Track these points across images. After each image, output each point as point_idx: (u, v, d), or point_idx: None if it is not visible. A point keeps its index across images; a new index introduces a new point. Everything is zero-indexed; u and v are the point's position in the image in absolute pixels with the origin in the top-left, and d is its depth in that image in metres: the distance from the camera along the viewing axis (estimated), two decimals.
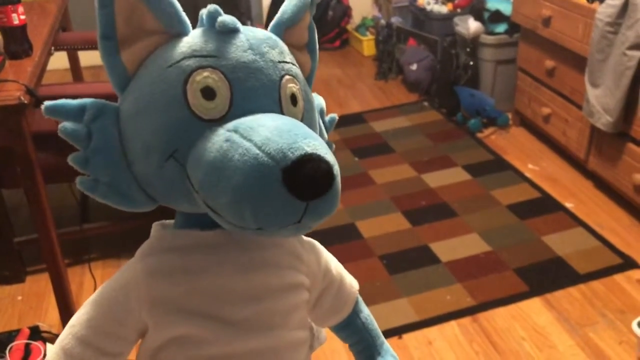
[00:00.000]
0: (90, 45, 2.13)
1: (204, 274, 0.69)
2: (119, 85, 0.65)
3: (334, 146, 0.78)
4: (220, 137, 0.59)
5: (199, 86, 0.61)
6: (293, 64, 0.69)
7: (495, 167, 2.48)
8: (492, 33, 2.79)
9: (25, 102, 1.39)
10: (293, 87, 0.67)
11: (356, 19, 3.95)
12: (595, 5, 2.06)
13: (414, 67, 3.07)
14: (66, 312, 1.64)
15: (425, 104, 3.06)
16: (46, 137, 1.64)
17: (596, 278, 1.83)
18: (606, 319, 1.68)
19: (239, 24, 0.65)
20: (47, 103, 0.63)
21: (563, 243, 1.99)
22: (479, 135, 2.74)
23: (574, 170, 2.42)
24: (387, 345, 0.89)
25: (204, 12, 0.65)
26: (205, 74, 0.61)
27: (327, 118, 0.81)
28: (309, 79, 0.76)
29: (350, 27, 3.93)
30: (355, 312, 0.88)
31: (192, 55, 0.62)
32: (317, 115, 0.75)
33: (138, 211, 0.69)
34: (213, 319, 0.69)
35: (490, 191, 2.30)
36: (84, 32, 2.25)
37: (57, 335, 1.65)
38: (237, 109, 0.62)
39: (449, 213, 2.18)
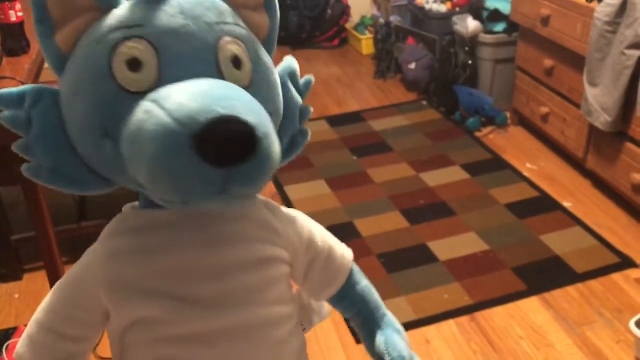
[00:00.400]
0: None
1: (162, 254, 0.67)
2: (56, 67, 0.64)
3: (311, 110, 0.76)
4: (140, 109, 0.57)
5: (123, 58, 0.58)
6: (237, 24, 0.65)
7: (494, 166, 2.48)
8: (490, 32, 2.79)
9: None
10: (235, 48, 0.62)
11: (355, 17, 3.95)
12: (594, 4, 2.06)
13: (413, 65, 3.07)
14: None
15: (424, 102, 3.05)
16: None
17: (594, 277, 1.83)
18: (604, 317, 1.69)
19: None
20: None
21: (561, 242, 1.99)
22: (477, 134, 2.74)
23: (572, 170, 2.42)
24: (390, 317, 0.85)
25: None
26: (130, 44, 0.59)
27: (301, 80, 0.76)
28: (269, 39, 0.71)
29: (348, 25, 3.93)
30: (350, 283, 0.83)
31: (118, 27, 0.60)
32: (284, 79, 0.72)
33: (93, 193, 0.68)
34: (175, 299, 0.67)
35: (488, 190, 2.30)
36: None
37: None
38: (166, 78, 0.59)
39: (447, 212, 2.18)
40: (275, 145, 0.58)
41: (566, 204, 2.20)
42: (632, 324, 1.52)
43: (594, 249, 1.95)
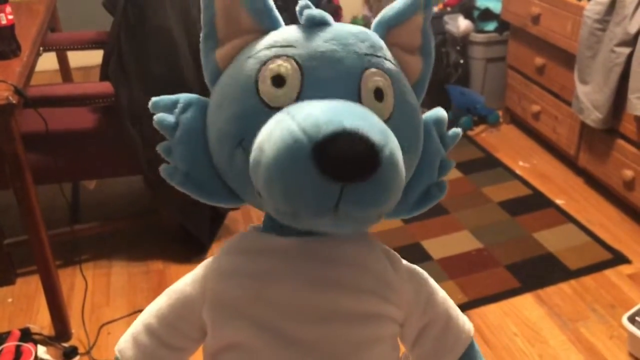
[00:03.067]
0: (80, 46, 2.12)
1: (272, 282, 0.64)
2: (211, 80, 0.66)
3: (453, 164, 0.72)
4: (273, 119, 0.57)
5: (270, 74, 0.60)
6: (388, 60, 0.64)
7: (486, 164, 2.49)
8: (481, 31, 2.80)
9: (14, 102, 1.38)
10: (379, 80, 0.61)
11: (346, 18, 3.95)
12: (584, 2, 2.07)
13: None
14: (57, 314, 1.63)
15: None
16: (35, 138, 1.64)
17: (587, 273, 1.84)
18: (597, 313, 1.69)
19: (328, 17, 0.63)
20: (153, 99, 0.65)
21: (554, 239, 2.00)
22: (470, 133, 2.75)
23: (564, 167, 2.43)
24: None
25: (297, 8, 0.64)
26: (279, 62, 0.60)
27: (449, 133, 0.72)
28: (419, 84, 0.71)
29: None
30: (466, 358, 0.75)
31: (272, 45, 0.62)
32: (429, 127, 0.69)
33: (221, 205, 0.69)
34: (273, 332, 0.64)
35: (481, 188, 2.31)
36: (73, 32, 2.24)
37: (47, 337, 1.64)
38: (306, 97, 0.59)
39: (440, 210, 2.18)
40: (399, 174, 0.56)
41: (559, 201, 2.21)
42: (625, 320, 1.53)
43: (586, 246, 1.97)
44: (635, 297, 1.73)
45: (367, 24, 3.33)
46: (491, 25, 2.79)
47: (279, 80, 0.59)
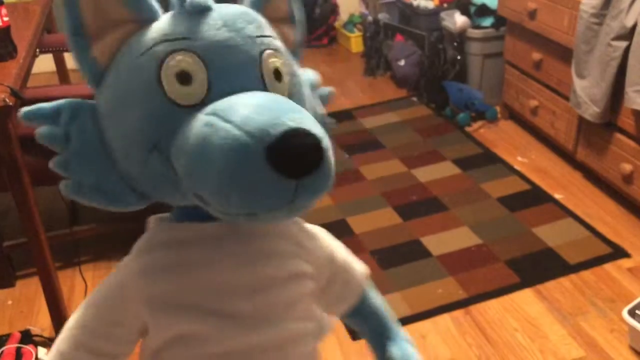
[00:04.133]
0: None
1: (204, 268, 0.66)
2: (93, 81, 0.63)
3: (333, 121, 0.75)
4: (200, 122, 0.56)
5: (173, 71, 0.58)
6: (274, 38, 0.65)
7: (485, 160, 2.49)
8: (478, 27, 2.80)
9: (11, 104, 1.38)
10: (276, 61, 0.63)
11: (343, 16, 3.95)
12: None
13: (402, 62, 3.08)
14: (57, 315, 1.63)
15: (414, 99, 3.06)
16: (33, 140, 1.63)
17: (586, 268, 1.84)
18: (597, 308, 1.70)
19: (210, 2, 0.62)
20: (23, 110, 0.61)
21: (553, 234, 2.00)
22: (468, 129, 2.75)
23: (562, 162, 2.43)
24: (400, 331, 0.85)
25: None
26: (179, 57, 0.58)
27: (320, 91, 0.77)
28: (295, 52, 0.72)
29: (337, 24, 3.93)
30: (364, 298, 0.84)
31: (163, 39, 0.59)
32: (308, 90, 0.72)
33: (129, 210, 0.66)
34: (215, 315, 0.66)
35: (480, 184, 2.31)
36: None
37: (48, 339, 1.64)
38: (216, 91, 0.59)
39: (439, 207, 2.18)
40: (332, 155, 0.58)
41: (557, 196, 2.21)
42: (625, 313, 1.53)
43: (586, 240, 1.97)
44: (635, 291, 1.73)
45: (364, 22, 3.32)
46: (488, 21, 2.79)
47: (184, 77, 0.58)
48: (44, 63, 2.52)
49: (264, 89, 0.61)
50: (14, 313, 1.78)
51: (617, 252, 1.90)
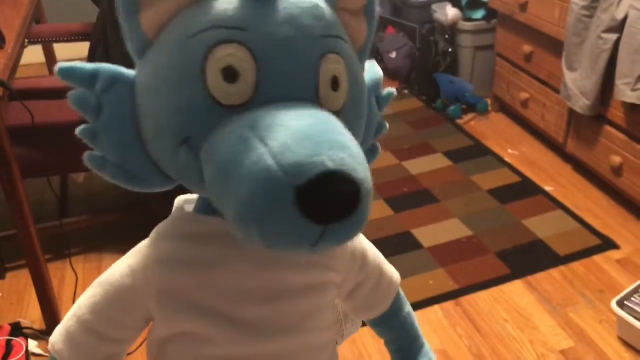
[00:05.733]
0: (65, 38, 2.10)
1: (219, 268, 0.62)
2: (137, 51, 0.57)
3: (387, 126, 0.70)
4: (236, 134, 0.51)
5: (220, 65, 0.52)
6: (341, 38, 0.58)
7: (476, 152, 2.49)
8: (470, 19, 2.80)
9: None
10: (337, 68, 0.56)
11: None
12: None
13: (394, 55, 3.07)
14: (47, 308, 1.62)
15: (405, 91, 3.06)
16: (22, 131, 1.62)
17: (576, 259, 1.86)
18: (586, 299, 1.71)
19: None
20: (60, 64, 0.55)
21: (543, 226, 2.01)
22: (459, 121, 2.76)
23: (553, 154, 2.44)
24: (427, 348, 0.81)
25: None
26: (229, 50, 0.52)
27: (383, 92, 0.69)
28: (363, 50, 0.64)
29: None
30: (394, 308, 0.79)
31: (217, 25, 0.53)
32: (370, 94, 0.65)
33: (152, 192, 0.62)
34: (224, 317, 0.63)
35: (470, 177, 2.32)
36: (59, 24, 2.22)
37: (38, 332, 1.64)
38: (263, 95, 0.53)
39: (430, 199, 2.19)
40: (371, 198, 0.53)
41: (548, 188, 2.23)
42: (614, 304, 1.55)
43: (575, 232, 1.98)
44: (624, 282, 1.75)
45: None
46: (479, 14, 2.79)
47: (231, 74, 0.52)
48: (34, 54, 2.49)
49: (316, 97, 0.55)
50: (4, 305, 1.77)
51: (607, 244, 1.92)
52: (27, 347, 1.53)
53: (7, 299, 1.80)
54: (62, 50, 2.51)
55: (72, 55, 3.28)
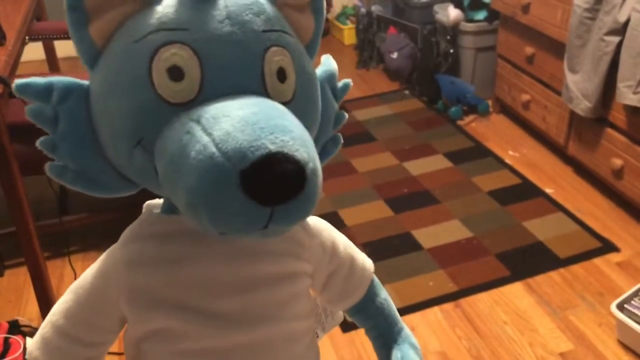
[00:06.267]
0: (66, 35, 2.09)
1: (186, 264, 0.64)
2: (89, 62, 0.59)
3: (346, 117, 0.72)
4: (183, 128, 0.53)
5: (165, 65, 0.54)
6: (284, 32, 0.60)
7: (476, 154, 2.49)
8: (471, 20, 2.80)
9: None
10: (282, 59, 0.58)
11: (336, 7, 3.93)
12: None
13: (395, 55, 3.07)
14: (46, 305, 1.61)
15: (407, 92, 3.06)
16: (22, 128, 1.61)
17: (576, 262, 1.85)
18: (586, 301, 1.71)
19: None
20: (16, 81, 0.57)
21: (543, 228, 2.01)
22: (460, 122, 2.75)
23: (553, 156, 2.44)
24: (407, 332, 0.82)
25: None
26: (173, 50, 0.54)
27: (339, 84, 0.71)
28: (311, 44, 0.66)
29: (330, 16, 3.91)
30: (369, 295, 0.80)
31: (160, 28, 0.55)
32: (324, 85, 0.68)
33: (116, 196, 0.64)
34: (196, 312, 0.64)
35: (471, 178, 2.31)
36: (59, 21, 2.21)
37: (36, 329, 1.63)
38: (209, 90, 0.55)
39: (430, 200, 2.19)
40: (320, 179, 0.54)
41: (548, 190, 2.22)
42: (614, 307, 1.54)
43: (575, 234, 1.98)
44: (623, 285, 1.74)
45: (357, 14, 3.30)
46: (481, 15, 2.78)
47: (176, 73, 0.54)
48: (34, 51, 2.49)
49: (263, 89, 0.57)
50: (2, 303, 1.77)
51: (607, 247, 1.91)
52: (24, 344, 1.53)
53: (6, 297, 1.79)
54: (62, 47, 2.50)
55: (73, 52, 3.28)
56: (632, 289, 1.59)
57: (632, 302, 1.55)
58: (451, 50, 2.85)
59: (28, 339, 1.56)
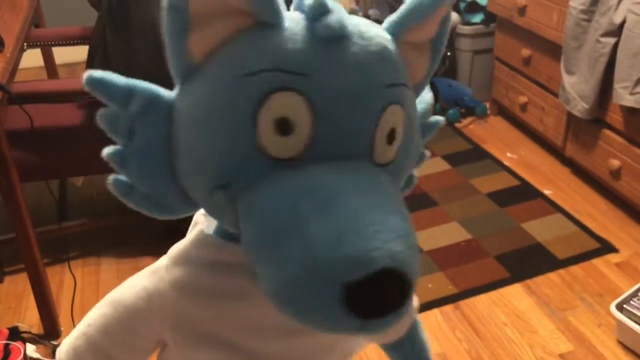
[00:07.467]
0: (65, 42, 2.10)
1: (241, 301, 0.59)
2: (180, 74, 0.50)
3: (428, 155, 0.65)
4: (286, 198, 0.46)
5: (274, 115, 0.46)
6: (405, 85, 0.52)
7: (474, 156, 2.49)
8: (468, 23, 2.81)
9: None
10: (396, 119, 0.51)
11: None
12: None
13: None
14: (46, 312, 1.62)
15: None
16: (21, 135, 1.62)
17: (575, 263, 1.86)
18: (585, 302, 1.71)
19: (347, 27, 0.49)
20: (91, 72, 0.49)
21: (542, 229, 2.01)
22: (458, 125, 2.76)
23: (551, 158, 2.44)
24: None
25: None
26: (286, 100, 0.46)
27: (431, 121, 0.64)
28: (419, 85, 0.59)
29: None
30: (409, 335, 0.76)
31: (277, 67, 0.46)
32: (417, 133, 0.59)
33: (179, 217, 0.57)
34: (241, 350, 0.61)
35: (469, 180, 2.32)
36: (58, 28, 2.22)
37: (36, 336, 1.63)
38: (317, 151, 0.47)
39: (429, 202, 2.19)
40: (414, 295, 0.50)
41: (546, 191, 2.23)
42: (613, 308, 1.55)
43: (574, 235, 1.98)
44: (623, 286, 1.75)
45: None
46: (478, 17, 2.79)
47: (284, 126, 0.46)
48: (32, 58, 2.49)
49: (370, 154, 0.50)
50: (2, 309, 1.77)
51: (605, 247, 1.92)
52: (25, 351, 1.53)
53: (5, 303, 1.79)
54: (61, 53, 2.51)
55: (71, 59, 3.28)
56: (631, 289, 1.59)
57: (632, 302, 1.55)
58: (448, 53, 2.86)
59: (28, 345, 1.56)
